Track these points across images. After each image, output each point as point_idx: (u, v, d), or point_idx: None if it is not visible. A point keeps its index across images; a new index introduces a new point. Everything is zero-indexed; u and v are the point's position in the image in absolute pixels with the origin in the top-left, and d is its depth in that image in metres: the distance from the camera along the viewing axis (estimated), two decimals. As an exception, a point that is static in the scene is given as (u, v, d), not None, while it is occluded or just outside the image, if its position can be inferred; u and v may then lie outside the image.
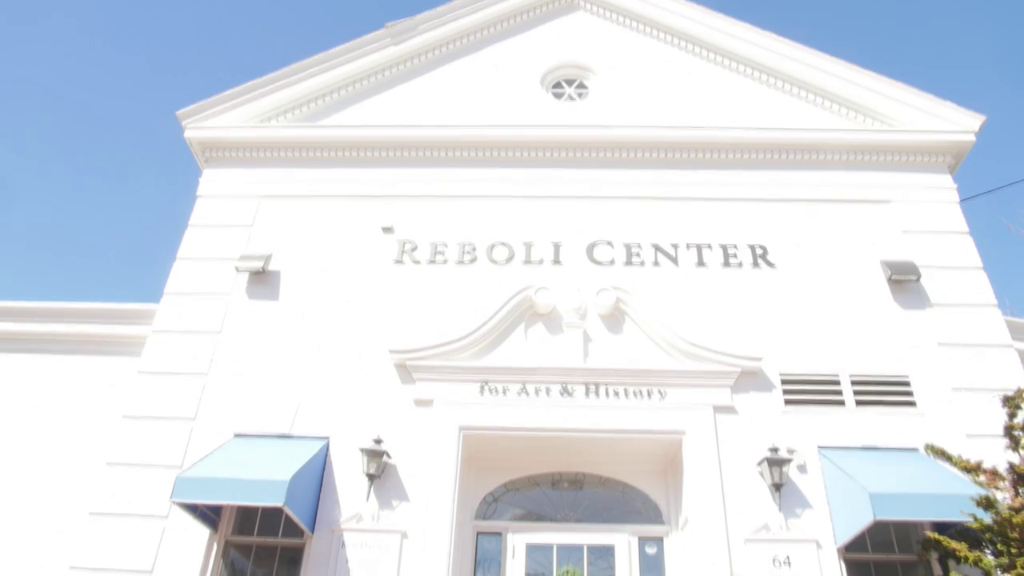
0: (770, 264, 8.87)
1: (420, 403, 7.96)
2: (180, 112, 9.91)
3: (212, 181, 9.84)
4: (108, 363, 9.08)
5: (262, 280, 8.89)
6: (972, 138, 9.37)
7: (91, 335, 9.25)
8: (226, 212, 9.52)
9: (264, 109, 10.15)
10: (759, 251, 8.96)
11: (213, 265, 9.05)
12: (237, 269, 8.86)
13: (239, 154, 9.96)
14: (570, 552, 7.66)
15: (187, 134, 9.88)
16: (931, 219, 9.09)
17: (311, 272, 8.98)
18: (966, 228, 9.02)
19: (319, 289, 8.84)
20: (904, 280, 8.50)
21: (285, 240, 9.24)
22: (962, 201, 9.23)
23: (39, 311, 9.44)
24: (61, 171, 27.84)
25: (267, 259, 8.90)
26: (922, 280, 8.53)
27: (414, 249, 9.10)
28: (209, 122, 9.93)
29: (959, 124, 9.45)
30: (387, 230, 9.23)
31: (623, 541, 7.70)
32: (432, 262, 9.00)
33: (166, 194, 29.39)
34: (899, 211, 9.16)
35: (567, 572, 7.22)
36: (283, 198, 9.60)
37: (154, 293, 8.93)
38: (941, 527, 6.87)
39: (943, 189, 9.35)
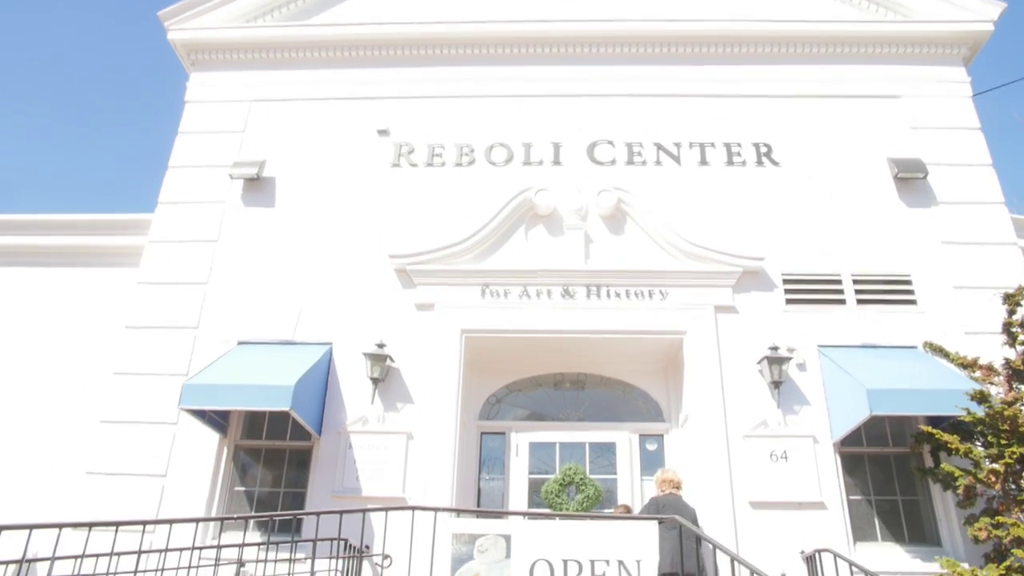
0: (774, 162, 8.71)
1: (421, 307, 7.98)
2: (162, 13, 9.50)
3: (200, 86, 9.55)
4: (108, 274, 9.10)
5: (257, 187, 8.77)
6: (990, 27, 9.02)
7: (89, 247, 9.23)
8: (216, 118, 9.28)
9: (251, 7, 9.72)
10: (763, 149, 8.79)
11: (206, 173, 8.90)
12: (231, 176, 8.71)
13: (226, 56, 9.62)
14: (572, 450, 7.85)
15: (170, 36, 9.52)
16: (941, 114, 8.87)
17: (307, 178, 8.84)
18: (977, 124, 8.81)
19: (316, 195, 8.72)
20: (911, 178, 8.36)
21: (279, 145, 9.05)
22: (974, 96, 8.97)
23: (35, 223, 9.37)
24: (45, 81, 27.08)
25: (261, 165, 8.74)
26: (929, 178, 8.40)
27: (411, 152, 8.92)
28: (193, 23, 9.54)
29: (977, 12, 9.08)
30: (383, 133, 9.02)
31: (624, 438, 7.89)
32: (430, 165, 8.84)
33: (158, 101, 28.69)
34: (909, 106, 8.92)
35: (569, 469, 7.42)
36: (274, 102, 9.34)
37: (153, 204, 8.82)
38: (935, 421, 7.00)
39: (956, 83, 9.08)
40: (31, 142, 27.17)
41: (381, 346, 7.59)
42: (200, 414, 7.21)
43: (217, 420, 7.50)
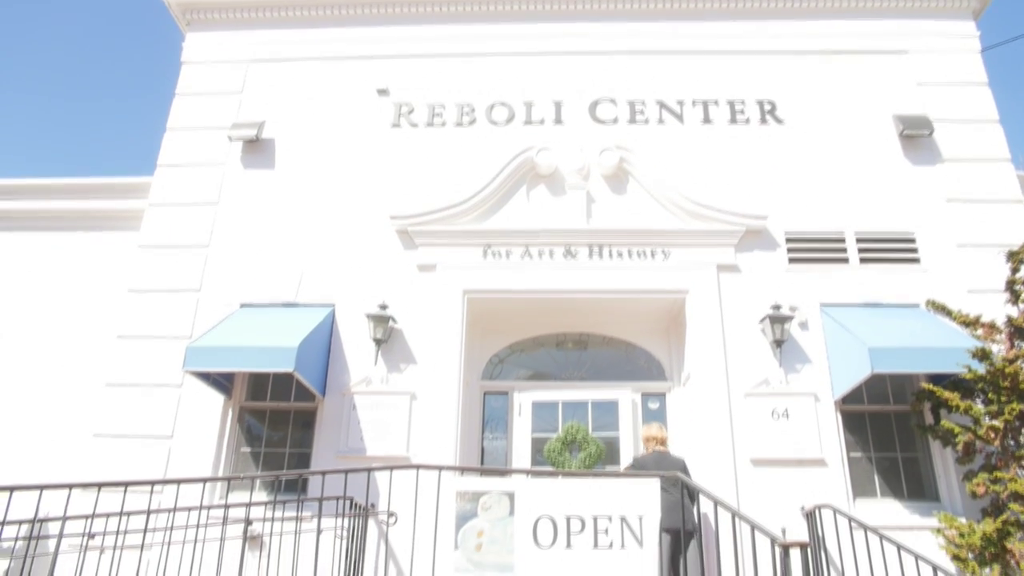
0: (778, 120, 8.62)
1: (423, 268, 7.98)
2: (156, -30, 9.32)
3: (196, 46, 9.42)
4: (109, 239, 9.11)
5: (256, 149, 8.70)
6: (999, -21, 8.84)
7: (89, 211, 9.22)
8: (214, 79, 9.18)
9: (246, -36, 9.54)
10: (767, 107, 8.68)
11: (205, 135, 8.83)
12: (230, 138, 8.65)
13: (222, 15, 9.48)
14: (575, 409, 7.91)
15: (165, -6, 9.36)
16: (949, 70, 8.74)
17: (306, 139, 8.76)
18: (985, 79, 8.68)
19: (315, 156, 8.66)
20: (916, 135, 8.27)
21: (277, 106, 8.96)
22: (983, 51, 8.83)
23: (35, 188, 9.34)
24: (39, 46, 26.73)
25: (260, 127, 8.67)
26: (935, 135, 8.31)
27: (411, 112, 8.83)
28: (188, -20, 9.37)
29: (987, -37, 8.89)
30: (382, 93, 8.92)
31: (626, 397, 7.92)
32: (430, 125, 8.75)
33: (154, 62, 28.33)
34: (916, 62, 8.79)
35: (571, 427, 7.48)
36: (272, 62, 9.22)
37: (152, 167, 8.77)
38: (936, 379, 7.02)
39: (965, 37, 8.93)
40: (27, 107, 26.92)
41: (383, 307, 7.60)
42: (204, 376, 7.26)
43: (221, 382, 7.55)
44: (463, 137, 8.66)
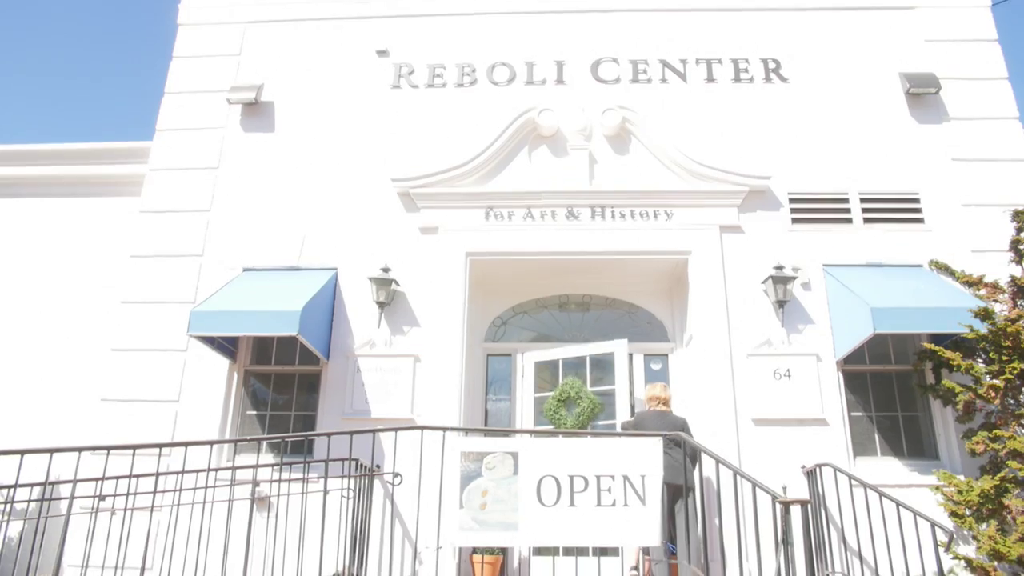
0: (783, 79, 8.51)
1: (426, 231, 7.96)
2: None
3: (192, 8, 9.28)
4: (111, 204, 9.09)
5: (256, 112, 8.63)
6: (1011, -70, 8.65)
7: (89, 176, 9.19)
8: (211, 41, 9.07)
9: (240, -79, 9.35)
10: (772, 65, 8.57)
11: (204, 98, 8.76)
12: (229, 101, 8.57)
13: (219, -25, 9.31)
14: (576, 367, 7.91)
15: (160, -47, 9.19)
16: (957, 26, 8.59)
17: (306, 101, 8.68)
18: (995, 35, 8.53)
19: (315, 119, 8.59)
20: (922, 93, 8.17)
21: (276, 69, 8.86)
22: (993, 4, 8.67)
23: (34, 153, 9.29)
24: (33, 12, 26.34)
25: (259, 89, 8.59)
26: (941, 93, 8.20)
27: (411, 72, 8.73)
28: (181, -62, 9.20)
29: (997, -85, 8.69)
30: (382, 53, 8.81)
31: (622, 350, 7.78)
32: (431, 86, 8.66)
33: (152, 25, 27.94)
34: (923, 18, 8.64)
35: (567, 384, 7.53)
36: (270, 23, 9.09)
37: (152, 132, 8.71)
38: (938, 339, 7.04)
39: (974, -9, 8.75)
40: (25, 73, 26.64)
41: (386, 270, 7.61)
42: (209, 340, 7.30)
43: (226, 346, 7.60)
44: (464, 98, 8.57)
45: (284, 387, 7.83)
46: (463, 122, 8.41)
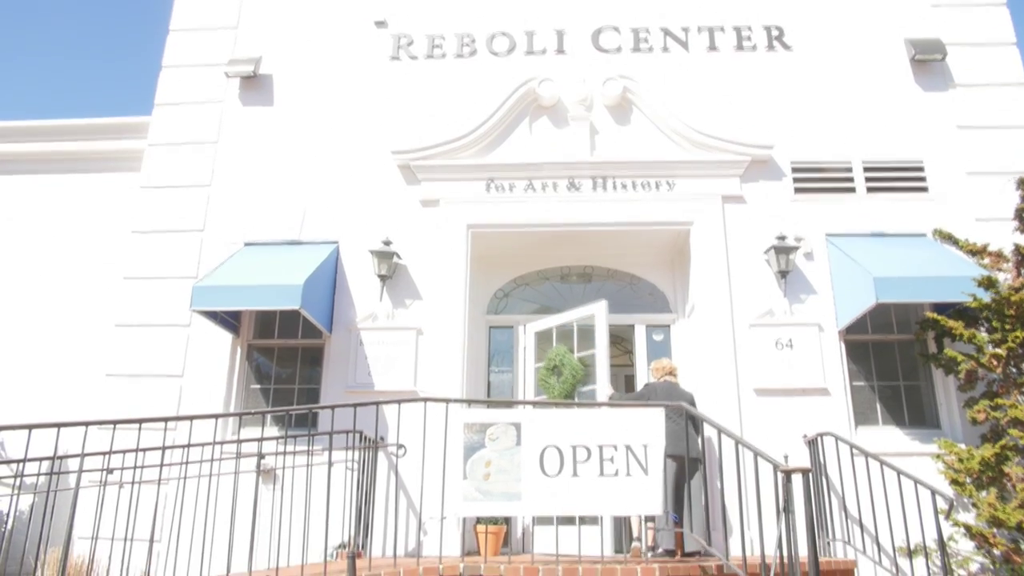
0: (786, 47, 8.41)
1: (426, 203, 7.94)
2: None
3: (189, -22, 9.16)
4: (111, 179, 9.08)
5: (254, 85, 8.57)
6: None
7: (89, 152, 9.18)
8: (208, 13, 8.98)
9: None
10: (775, 33, 8.46)
11: (202, 72, 8.70)
12: (227, 75, 8.51)
13: (214, -55, 9.18)
14: (569, 338, 7.89)
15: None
16: (964, -12, 8.46)
17: (304, 74, 8.62)
18: (1003, -1, 8.42)
19: (314, 91, 8.52)
20: (928, 59, 8.08)
21: (274, 41, 8.78)
22: (1001, -33, 8.54)
23: (33, 129, 9.26)
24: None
25: (257, 62, 8.51)
26: (947, 59, 8.10)
27: (410, 43, 8.64)
28: (176, -92, 9.06)
29: None
30: (380, 24, 8.71)
31: (601, 311, 7.68)
32: (430, 57, 8.58)
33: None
34: (930, -19, 8.51)
35: (555, 352, 7.54)
36: (267, -7, 8.99)
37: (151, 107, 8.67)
38: (940, 308, 7.04)
39: (982, -48, 8.61)
40: (22, 48, 26.42)
41: (387, 243, 7.60)
42: (212, 315, 7.33)
43: (229, 321, 7.62)
44: (463, 69, 8.49)
45: (287, 361, 7.87)
46: (463, 93, 8.34)
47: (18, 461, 4.85)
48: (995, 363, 6.42)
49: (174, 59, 8.80)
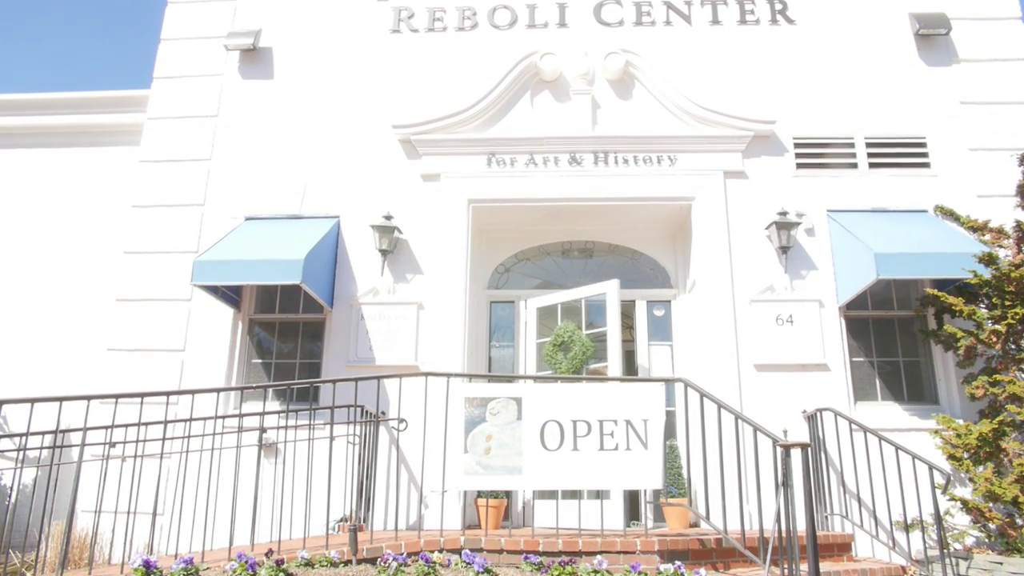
0: (789, 20, 8.34)
1: (427, 178, 7.91)
2: None
3: (186, -52, 9.04)
4: (111, 153, 9.04)
5: (254, 58, 8.49)
6: None
7: (88, 125, 9.13)
8: (206, -17, 8.86)
9: None
10: (778, 6, 8.38)
11: (201, 45, 8.62)
12: (226, 48, 8.43)
13: (211, -86, 9.05)
14: (575, 312, 7.91)
15: None
16: (970, -38, 8.36)
17: (304, 47, 8.54)
18: (1009, -29, 8.32)
19: (315, 65, 8.45)
20: (932, 34, 8.01)
21: (273, 13, 8.69)
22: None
23: (31, 102, 9.19)
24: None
25: (256, 35, 8.43)
26: (951, 34, 8.03)
27: (411, 16, 8.55)
28: None
29: None
30: (380, -4, 8.62)
31: (613, 290, 7.70)
32: (431, 30, 8.50)
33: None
34: (935, -46, 8.41)
35: (563, 328, 7.54)
36: (265, -36, 8.87)
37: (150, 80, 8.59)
38: (941, 284, 7.04)
39: (989, -75, 8.49)
40: (20, 20, 26.13)
41: (388, 218, 7.58)
42: (213, 290, 7.33)
43: (230, 295, 7.62)
44: (465, 42, 8.42)
45: (288, 336, 7.88)
46: (464, 67, 8.27)
47: (21, 435, 4.88)
48: (994, 339, 6.44)
49: (173, 32, 8.72)
